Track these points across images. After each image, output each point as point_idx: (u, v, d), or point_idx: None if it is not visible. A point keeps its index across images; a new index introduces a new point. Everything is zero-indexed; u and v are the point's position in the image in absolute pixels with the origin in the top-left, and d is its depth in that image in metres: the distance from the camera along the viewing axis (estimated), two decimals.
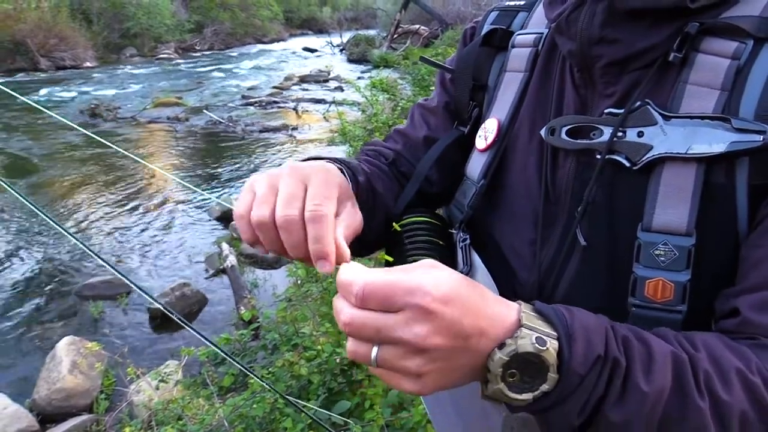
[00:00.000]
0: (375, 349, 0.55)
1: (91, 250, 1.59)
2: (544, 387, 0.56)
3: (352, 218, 0.77)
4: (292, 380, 2.54)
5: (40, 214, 1.46)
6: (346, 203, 0.78)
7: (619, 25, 0.72)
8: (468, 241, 0.89)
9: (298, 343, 2.76)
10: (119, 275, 1.52)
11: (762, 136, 0.64)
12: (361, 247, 0.99)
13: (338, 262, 0.68)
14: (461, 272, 0.86)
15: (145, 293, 1.51)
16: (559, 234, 0.79)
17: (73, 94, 15.94)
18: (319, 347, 2.61)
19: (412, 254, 0.90)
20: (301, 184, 0.71)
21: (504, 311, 0.57)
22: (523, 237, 0.84)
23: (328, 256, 0.68)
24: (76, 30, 22.49)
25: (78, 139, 11.04)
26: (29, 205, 1.51)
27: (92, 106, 13.64)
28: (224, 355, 1.61)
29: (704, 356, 0.59)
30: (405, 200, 0.97)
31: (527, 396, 0.57)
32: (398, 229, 0.93)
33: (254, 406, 2.32)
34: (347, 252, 0.70)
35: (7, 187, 1.57)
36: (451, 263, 0.89)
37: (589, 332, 0.57)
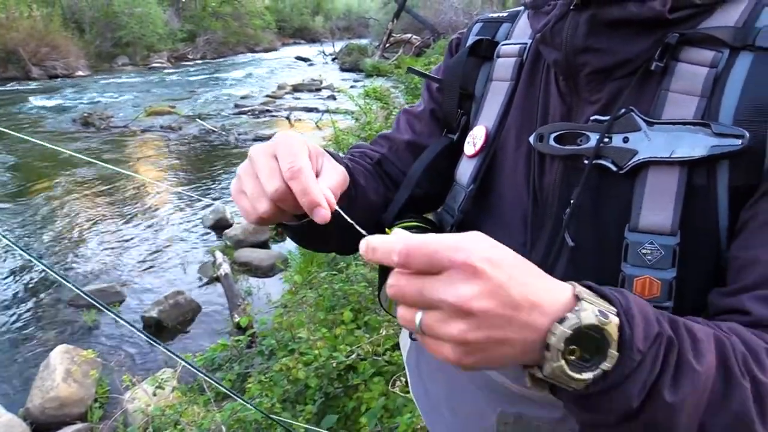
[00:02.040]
0: (419, 314, 0.53)
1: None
2: (605, 365, 0.54)
3: (333, 170, 0.78)
4: (289, 385, 2.56)
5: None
6: (321, 158, 0.79)
7: (602, 35, 0.76)
8: None
9: (295, 349, 2.78)
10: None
11: (740, 140, 0.67)
12: (344, 240, 1.01)
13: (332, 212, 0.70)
14: None
15: (70, 282, 1.52)
16: (548, 236, 0.83)
17: (66, 102, 15.92)
18: (316, 351, 2.63)
19: None
20: (272, 159, 0.73)
21: (558, 286, 0.56)
22: (512, 240, 0.85)
23: (319, 203, 0.69)
24: (68, 39, 22.49)
25: (75, 149, 11.01)
26: None
27: (85, 114, 13.63)
28: (195, 370, 1.63)
29: (736, 339, 0.60)
30: (397, 206, 0.99)
31: (587, 375, 0.54)
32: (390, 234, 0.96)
33: (252, 410, 2.33)
34: (332, 200, 0.71)
35: None
36: None
37: (645, 310, 0.56)
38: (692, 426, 0.56)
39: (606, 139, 0.75)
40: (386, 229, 0.96)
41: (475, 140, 0.93)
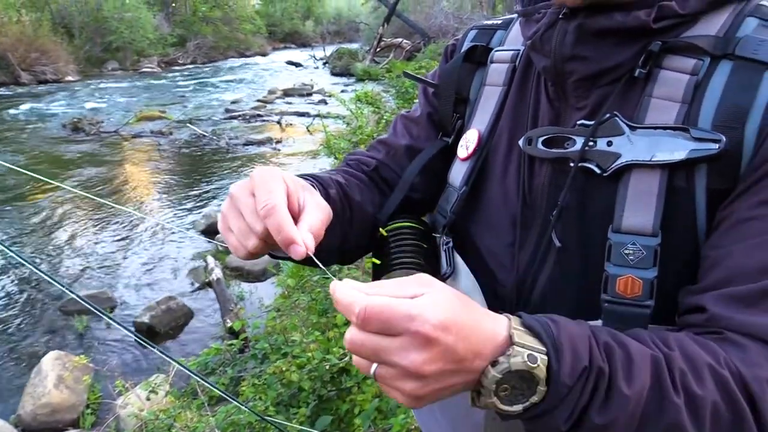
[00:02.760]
0: (374, 366, 0.58)
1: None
2: (534, 399, 0.60)
3: (316, 207, 0.79)
4: (283, 388, 2.57)
5: None
6: (301, 194, 0.79)
7: (589, 44, 0.78)
8: (451, 245, 0.95)
9: (288, 352, 2.78)
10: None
11: (718, 144, 0.70)
12: (343, 254, 1.03)
13: (307, 252, 0.71)
14: (444, 274, 0.92)
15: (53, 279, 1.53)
16: (536, 237, 0.85)
17: (55, 108, 15.84)
18: (309, 354, 2.64)
19: (397, 257, 0.95)
20: (249, 194, 0.75)
21: (495, 329, 0.60)
22: (502, 240, 0.89)
23: (293, 241, 0.70)
24: (57, 44, 22.36)
25: (65, 154, 10.95)
26: None
27: (75, 120, 13.57)
28: (189, 372, 1.64)
29: (678, 354, 0.63)
30: (391, 207, 1.01)
31: (517, 407, 0.60)
32: (384, 233, 0.98)
33: (246, 413, 2.34)
34: (310, 243, 0.72)
35: None
36: (435, 265, 0.95)
37: (574, 343, 0.60)
38: None
39: (591, 143, 0.78)
40: (380, 230, 0.99)
41: (468, 143, 0.96)
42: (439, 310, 0.56)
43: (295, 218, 0.74)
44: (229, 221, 0.77)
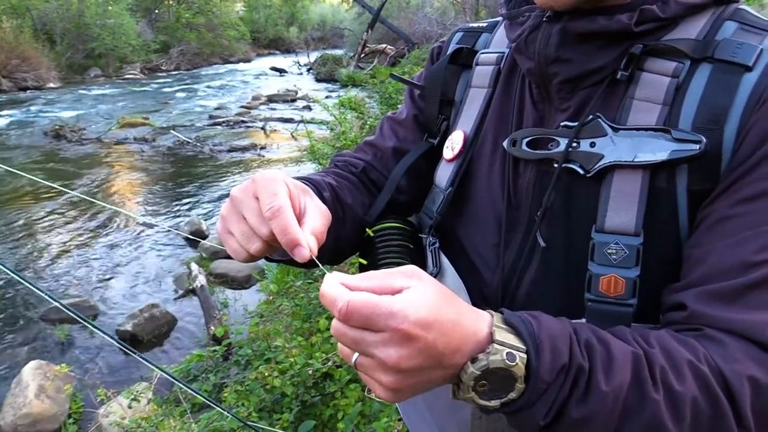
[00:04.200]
0: (356, 355, 0.60)
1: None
2: (512, 395, 0.61)
3: (316, 209, 0.81)
4: (266, 393, 2.56)
5: None
6: (303, 197, 0.81)
7: (573, 46, 0.80)
8: (437, 245, 0.96)
9: (272, 358, 2.78)
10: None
11: (698, 145, 0.71)
12: (335, 254, 1.05)
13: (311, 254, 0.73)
14: (431, 274, 0.92)
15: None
16: (521, 237, 0.86)
17: (37, 115, 15.65)
18: (292, 359, 2.64)
19: (384, 257, 0.96)
20: (254, 198, 0.76)
21: (476, 326, 0.61)
22: (487, 240, 0.91)
23: (298, 243, 0.72)
24: (38, 50, 22.08)
25: (46, 162, 10.81)
26: None
27: (56, 127, 13.40)
28: (172, 379, 1.64)
29: (658, 351, 0.64)
30: (379, 207, 1.03)
31: (495, 402, 0.62)
32: (371, 234, 1.00)
33: (228, 419, 2.33)
34: (314, 247, 0.74)
35: None
36: (422, 266, 0.95)
37: (554, 340, 0.62)
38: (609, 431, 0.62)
39: (574, 144, 0.79)
40: (367, 230, 1.00)
41: (453, 145, 0.97)
42: (421, 306, 0.57)
43: (297, 221, 0.75)
44: (230, 224, 0.78)
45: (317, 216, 0.79)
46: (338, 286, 0.59)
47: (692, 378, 0.63)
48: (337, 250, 1.02)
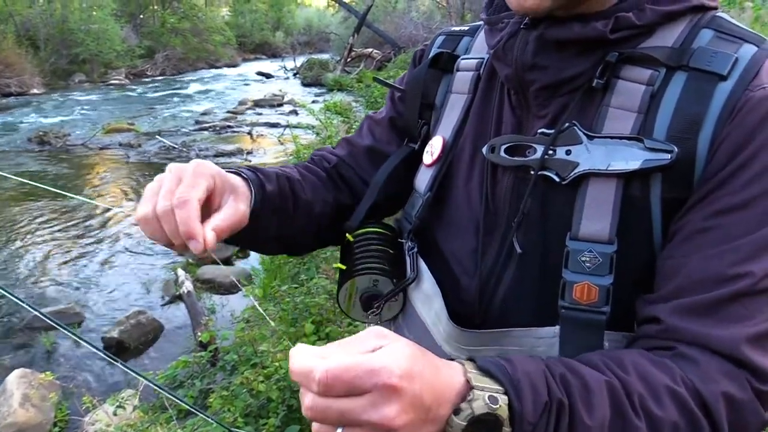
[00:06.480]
0: (339, 430, 0.55)
1: None
2: None
3: (232, 210, 0.84)
4: (252, 398, 2.56)
5: None
6: (226, 196, 0.85)
7: (549, 53, 0.80)
8: (416, 250, 0.96)
9: (257, 363, 2.78)
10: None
11: (670, 155, 0.72)
12: (282, 245, 1.08)
13: (205, 248, 0.76)
14: (409, 279, 0.94)
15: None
16: (498, 242, 0.87)
17: (20, 121, 15.51)
18: (276, 364, 2.64)
19: (361, 262, 0.98)
20: (177, 180, 0.80)
21: (452, 374, 0.60)
22: (465, 245, 0.91)
23: (195, 236, 0.75)
24: (22, 56, 21.87)
25: (30, 168, 10.71)
26: None
27: (41, 133, 13.28)
28: (155, 387, 1.64)
29: (635, 378, 0.64)
30: (361, 213, 1.03)
31: None
32: (351, 239, 1.01)
33: (213, 425, 2.33)
34: (210, 240, 0.77)
35: None
36: (400, 270, 0.98)
37: (532, 379, 0.61)
38: None
39: (551, 151, 0.80)
40: (347, 235, 1.02)
41: (432, 150, 0.98)
42: (401, 358, 0.55)
43: (209, 216, 0.80)
44: (152, 190, 0.81)
45: (228, 215, 0.82)
46: (311, 357, 0.55)
47: (670, 401, 0.63)
48: (283, 241, 1.05)
